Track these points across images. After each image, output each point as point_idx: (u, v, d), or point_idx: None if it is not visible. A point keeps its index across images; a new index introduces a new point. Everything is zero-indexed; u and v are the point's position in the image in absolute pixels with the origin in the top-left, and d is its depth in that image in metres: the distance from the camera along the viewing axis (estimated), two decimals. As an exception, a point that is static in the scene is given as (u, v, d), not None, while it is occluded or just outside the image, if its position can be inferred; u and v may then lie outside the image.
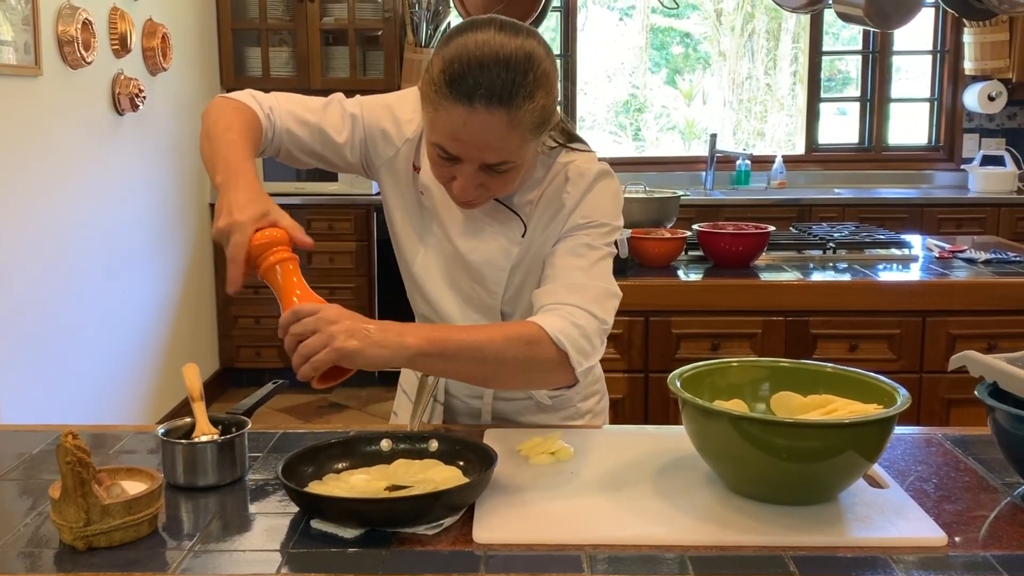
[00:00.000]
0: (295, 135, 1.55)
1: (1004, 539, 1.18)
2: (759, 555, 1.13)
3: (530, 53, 1.32)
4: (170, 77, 4.45)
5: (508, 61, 1.30)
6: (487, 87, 1.29)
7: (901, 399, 1.25)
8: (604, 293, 1.45)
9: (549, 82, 1.35)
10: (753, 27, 7.50)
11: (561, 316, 1.38)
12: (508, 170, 1.38)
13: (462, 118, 1.31)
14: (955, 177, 5.50)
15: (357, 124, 1.55)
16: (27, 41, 3.17)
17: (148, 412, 4.24)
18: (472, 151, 1.34)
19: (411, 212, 1.58)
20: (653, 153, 6.98)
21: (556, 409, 1.69)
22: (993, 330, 2.82)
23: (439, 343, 1.31)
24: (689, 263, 3.11)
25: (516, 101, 1.31)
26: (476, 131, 1.31)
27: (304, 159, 1.59)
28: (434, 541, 1.16)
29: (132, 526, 1.16)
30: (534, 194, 1.52)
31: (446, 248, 1.56)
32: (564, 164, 1.52)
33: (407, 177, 1.57)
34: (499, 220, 1.53)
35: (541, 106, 1.34)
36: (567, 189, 1.50)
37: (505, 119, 1.31)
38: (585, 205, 1.49)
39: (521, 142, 1.35)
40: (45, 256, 3.38)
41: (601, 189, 1.51)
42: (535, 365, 1.37)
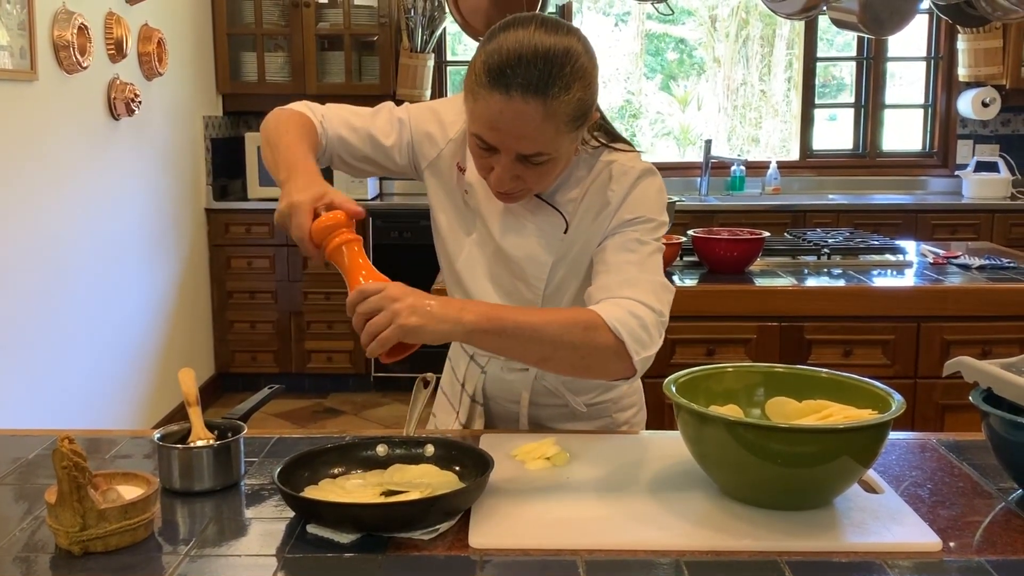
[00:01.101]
0: (346, 140, 1.60)
1: (998, 544, 1.18)
2: (754, 560, 1.13)
3: (568, 48, 1.35)
4: (166, 82, 4.45)
5: (546, 54, 1.33)
6: (524, 77, 1.32)
7: (896, 404, 1.26)
8: (659, 286, 1.46)
9: (587, 78, 1.37)
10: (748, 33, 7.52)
11: (619, 306, 1.40)
12: (544, 162, 1.39)
13: (499, 106, 1.33)
14: (949, 183, 5.52)
15: (404, 128, 1.60)
16: (23, 46, 3.17)
17: (144, 417, 4.23)
18: (508, 140, 1.36)
19: (455, 211, 1.61)
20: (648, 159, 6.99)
21: (592, 418, 1.70)
22: (987, 336, 2.82)
23: (497, 320, 1.34)
24: (684, 268, 3.11)
25: (552, 91, 1.33)
26: (512, 120, 1.34)
27: (356, 164, 1.63)
28: (430, 546, 1.16)
29: (128, 531, 1.16)
30: (577, 192, 1.53)
31: (488, 245, 1.58)
32: (607, 163, 1.53)
33: (451, 177, 1.60)
34: (541, 216, 1.54)
35: (577, 99, 1.36)
36: (612, 187, 1.51)
37: (541, 109, 1.33)
38: (632, 201, 1.50)
39: (556, 134, 1.36)
40: (40, 261, 3.38)
41: (646, 186, 1.52)
42: (592, 351, 1.37)
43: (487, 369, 1.68)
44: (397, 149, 1.60)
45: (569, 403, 1.68)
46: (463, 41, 5.92)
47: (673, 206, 3.36)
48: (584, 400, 1.68)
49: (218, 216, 4.97)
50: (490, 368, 1.68)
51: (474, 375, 1.70)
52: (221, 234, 4.97)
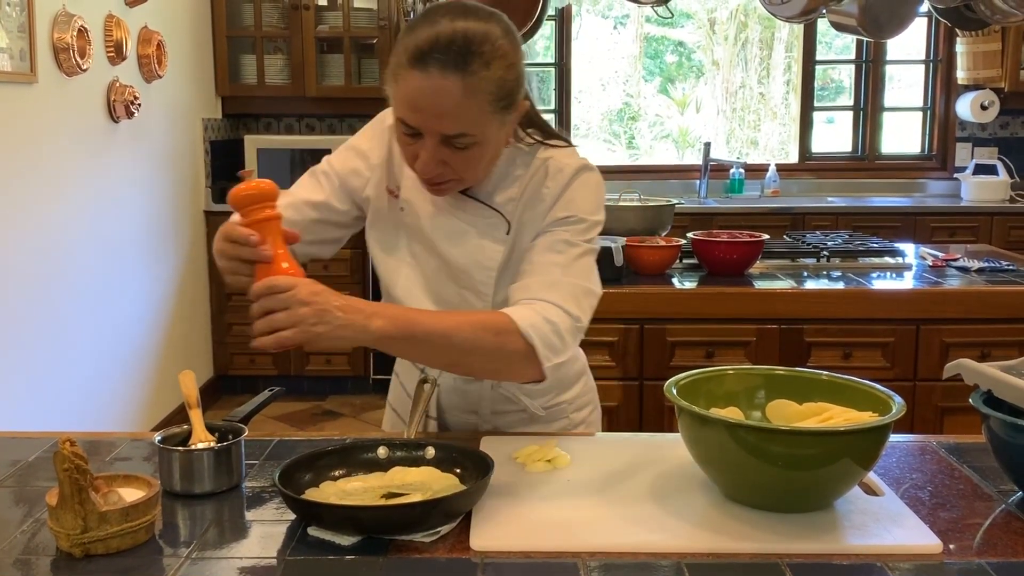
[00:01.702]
0: (292, 221, 1.57)
1: (999, 546, 1.18)
2: (755, 562, 1.13)
3: (487, 30, 1.34)
4: (165, 84, 4.45)
5: (464, 33, 1.33)
6: (442, 53, 1.31)
7: (896, 407, 1.26)
8: (581, 291, 1.44)
9: (508, 59, 1.36)
10: (747, 36, 7.53)
11: (533, 310, 1.38)
12: (469, 146, 1.37)
13: (417, 84, 1.33)
14: (948, 186, 5.53)
15: (329, 177, 1.60)
16: (23, 48, 3.17)
17: (143, 419, 4.23)
18: (430, 120, 1.34)
19: (389, 237, 1.59)
20: (647, 161, 7.00)
21: (549, 420, 1.69)
22: (986, 338, 2.83)
23: (406, 327, 1.32)
24: (683, 271, 3.11)
25: (471, 67, 1.32)
26: (431, 97, 1.32)
27: (315, 239, 1.60)
28: (431, 548, 1.16)
29: (129, 533, 1.16)
30: (515, 191, 1.51)
31: (429, 263, 1.55)
32: (544, 160, 1.52)
33: (384, 203, 1.58)
34: (482, 219, 1.52)
35: (499, 78, 1.34)
36: (547, 184, 1.49)
37: (460, 84, 1.32)
38: (564, 200, 1.49)
39: (479, 113, 1.35)
40: (40, 263, 3.38)
41: (581, 184, 1.50)
42: (503, 356, 1.37)
43: (440, 382, 1.63)
44: (334, 198, 1.58)
45: (527, 408, 1.65)
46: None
47: (672, 208, 3.37)
48: (541, 403, 1.66)
49: (217, 218, 4.96)
50: (443, 381, 1.63)
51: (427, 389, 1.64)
52: (220, 236, 4.95)
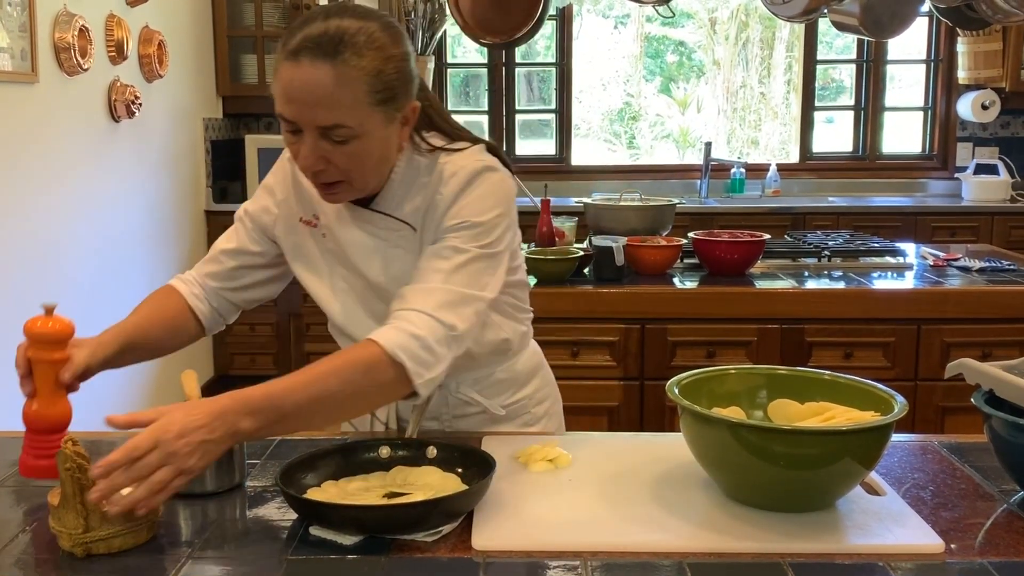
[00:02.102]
0: (211, 274, 1.62)
1: (1001, 546, 1.18)
2: (757, 562, 1.13)
3: (363, 26, 1.34)
4: (166, 84, 4.45)
5: (339, 27, 1.33)
6: (314, 42, 1.31)
7: (898, 406, 1.26)
8: (458, 298, 1.37)
9: (385, 51, 1.34)
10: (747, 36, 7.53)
11: (399, 328, 1.33)
12: (348, 139, 1.35)
13: (289, 75, 1.33)
14: (949, 186, 5.53)
15: (243, 221, 1.62)
16: (23, 48, 3.17)
17: (143, 419, 4.23)
18: (303, 110, 1.33)
19: (318, 266, 1.57)
20: (648, 161, 7.00)
21: (511, 418, 1.68)
22: (988, 338, 2.83)
23: (275, 411, 1.24)
24: (684, 271, 3.11)
25: (342, 56, 1.31)
26: (302, 86, 1.32)
27: (243, 284, 1.63)
28: (433, 548, 1.16)
29: (131, 533, 1.16)
30: (420, 199, 1.48)
31: (358, 283, 1.54)
32: (443, 164, 1.48)
33: (303, 235, 1.57)
34: (394, 233, 1.50)
35: (375, 69, 1.33)
36: (440, 191, 1.46)
37: (331, 73, 1.31)
38: (457, 207, 1.43)
39: (354, 104, 1.33)
40: (41, 262, 3.38)
41: (473, 189, 1.44)
42: (376, 390, 1.32)
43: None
44: (249, 241, 1.60)
45: (487, 409, 1.64)
46: (463, 44, 5.93)
47: (672, 209, 3.37)
48: (500, 402, 1.65)
49: (218, 218, 4.96)
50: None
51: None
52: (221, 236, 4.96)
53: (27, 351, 1.34)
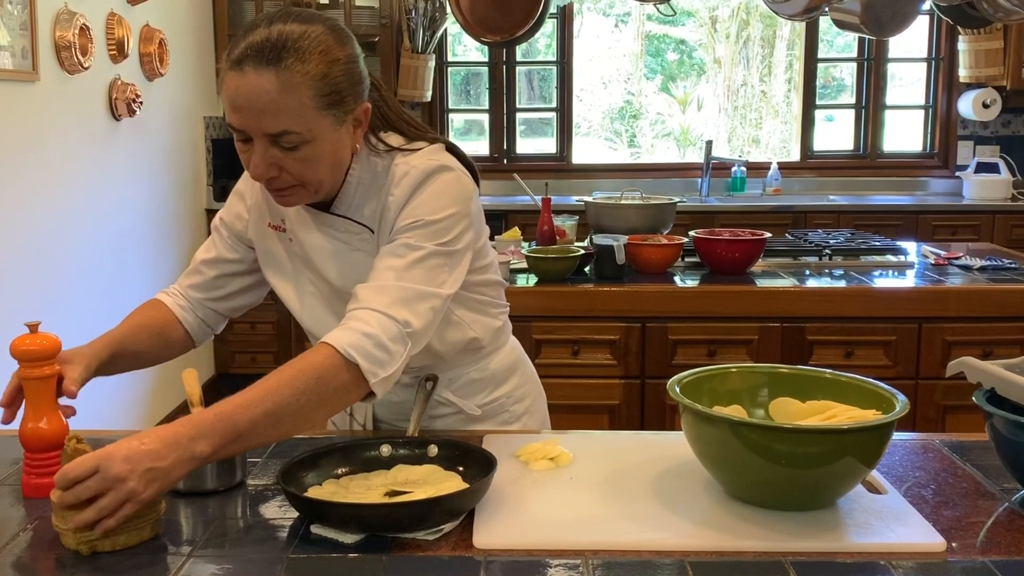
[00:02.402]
0: (194, 285, 1.64)
1: (1002, 545, 1.18)
2: (758, 560, 1.13)
3: (306, 30, 1.33)
4: (167, 83, 4.45)
5: (280, 32, 1.32)
6: (256, 50, 1.31)
7: (900, 405, 1.26)
8: (414, 294, 1.36)
9: (330, 55, 1.34)
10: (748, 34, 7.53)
11: (351, 328, 1.31)
12: (298, 145, 1.34)
13: (234, 83, 1.32)
14: (950, 184, 5.52)
15: (219, 230, 1.63)
16: (24, 46, 3.17)
17: (144, 417, 4.23)
18: (250, 119, 1.33)
19: (286, 270, 1.58)
20: (648, 160, 7.00)
21: (488, 417, 1.67)
22: (989, 336, 2.83)
23: (231, 432, 1.21)
24: (685, 269, 3.11)
25: (284, 62, 1.30)
26: (247, 94, 1.31)
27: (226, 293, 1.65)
28: (434, 547, 1.16)
29: (135, 530, 1.16)
30: (377, 202, 1.47)
31: (323, 286, 1.55)
32: (405, 164, 1.47)
33: (272, 240, 1.58)
34: (354, 236, 1.49)
35: (320, 73, 1.32)
36: (392, 191, 1.45)
37: (274, 79, 1.30)
38: (409, 206, 1.43)
39: (301, 109, 1.32)
40: (41, 261, 3.38)
41: (425, 188, 1.43)
42: (331, 395, 1.29)
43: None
44: (226, 250, 1.62)
45: (462, 409, 1.64)
46: (464, 42, 5.93)
47: (673, 207, 3.37)
48: (476, 402, 1.65)
49: (219, 217, 4.96)
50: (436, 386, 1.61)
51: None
52: (222, 235, 4.95)
53: (16, 373, 1.34)
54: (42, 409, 1.34)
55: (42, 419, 1.33)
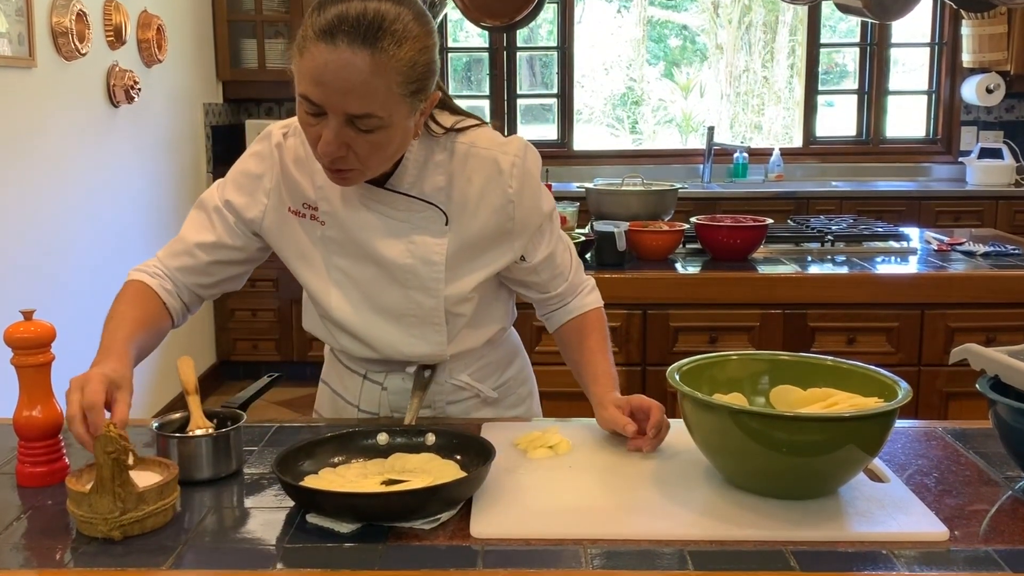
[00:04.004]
0: (184, 268, 1.54)
1: (1005, 533, 1.17)
2: (759, 550, 1.12)
3: (399, 12, 1.30)
4: (165, 69, 4.43)
5: (376, 11, 1.28)
6: (352, 26, 1.26)
7: (902, 392, 1.24)
8: (571, 249, 1.66)
9: (421, 42, 1.31)
10: (750, 20, 7.49)
11: (585, 298, 1.65)
12: (375, 129, 1.31)
13: (324, 57, 1.27)
14: (953, 170, 5.50)
15: (221, 213, 1.53)
16: (21, 32, 3.15)
17: (145, 405, 4.22)
18: (335, 96, 1.29)
19: (309, 259, 1.53)
20: (650, 146, 6.97)
21: (501, 399, 1.68)
22: (992, 323, 2.81)
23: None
24: (687, 256, 3.10)
25: (381, 44, 1.27)
26: (337, 71, 1.27)
27: (216, 280, 1.57)
28: (431, 536, 1.15)
29: (161, 512, 1.17)
30: (441, 179, 1.47)
31: (363, 273, 1.50)
32: (469, 144, 1.47)
33: (291, 226, 1.52)
34: (417, 214, 1.48)
35: (411, 59, 1.30)
36: (510, 183, 1.46)
37: (369, 60, 1.27)
38: (528, 198, 1.49)
39: (387, 94, 1.29)
40: (38, 248, 3.37)
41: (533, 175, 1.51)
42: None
43: (387, 384, 1.60)
44: (228, 236, 1.53)
45: (480, 392, 1.64)
46: (465, 28, 5.90)
47: (675, 193, 3.35)
48: (490, 384, 1.66)
49: (219, 204, 4.95)
50: (390, 383, 1.60)
51: (373, 394, 1.61)
52: (222, 222, 4.94)
53: (11, 359, 1.32)
54: (36, 397, 1.32)
55: (36, 407, 1.32)
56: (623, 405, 1.44)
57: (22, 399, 1.33)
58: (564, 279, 1.62)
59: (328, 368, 1.74)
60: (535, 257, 1.55)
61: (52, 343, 1.34)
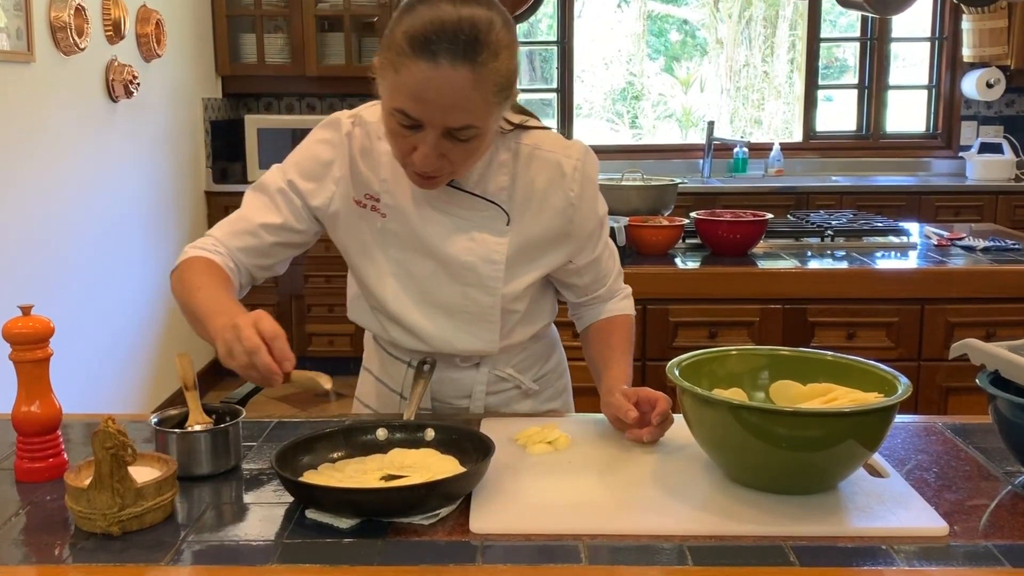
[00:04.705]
0: (247, 248, 1.52)
1: (1005, 528, 1.17)
2: (759, 545, 1.12)
3: (491, 18, 1.30)
4: (164, 64, 4.42)
5: (471, 20, 1.28)
6: (451, 43, 1.26)
7: (902, 387, 1.24)
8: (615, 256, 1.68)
9: (511, 48, 1.33)
10: (751, 14, 7.48)
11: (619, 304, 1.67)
12: (471, 138, 1.33)
13: (425, 75, 1.26)
14: (953, 165, 5.49)
15: (287, 195, 1.52)
16: (19, 27, 3.15)
17: (144, 401, 4.22)
18: (435, 113, 1.29)
19: (368, 249, 1.53)
20: (650, 141, 6.96)
21: (540, 391, 1.69)
22: (991, 318, 2.81)
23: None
24: (687, 251, 3.09)
25: (481, 58, 1.27)
26: (440, 88, 1.27)
27: (273, 260, 1.56)
28: (430, 531, 1.15)
29: (160, 508, 1.17)
30: (504, 179, 1.48)
31: (422, 267, 1.51)
32: (533, 146, 1.49)
33: (354, 216, 1.52)
34: (479, 213, 1.49)
35: (506, 68, 1.31)
36: (571, 187, 1.49)
37: (470, 77, 1.27)
38: (586, 203, 1.52)
39: (485, 105, 1.31)
40: (39, 244, 3.36)
41: (593, 180, 1.54)
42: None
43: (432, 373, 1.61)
44: (294, 218, 1.52)
45: (521, 384, 1.66)
46: (464, 22, 5.88)
47: (675, 188, 3.34)
48: (531, 376, 1.67)
49: (218, 199, 4.95)
50: (436, 370, 1.60)
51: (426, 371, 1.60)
52: (221, 217, 4.85)
53: (9, 354, 1.32)
54: (35, 393, 1.32)
55: (34, 403, 1.32)
56: (630, 395, 1.44)
57: (20, 395, 1.32)
58: (603, 284, 1.64)
59: (370, 355, 1.75)
60: (582, 260, 1.58)
61: (50, 339, 1.34)
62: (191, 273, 1.45)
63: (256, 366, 1.23)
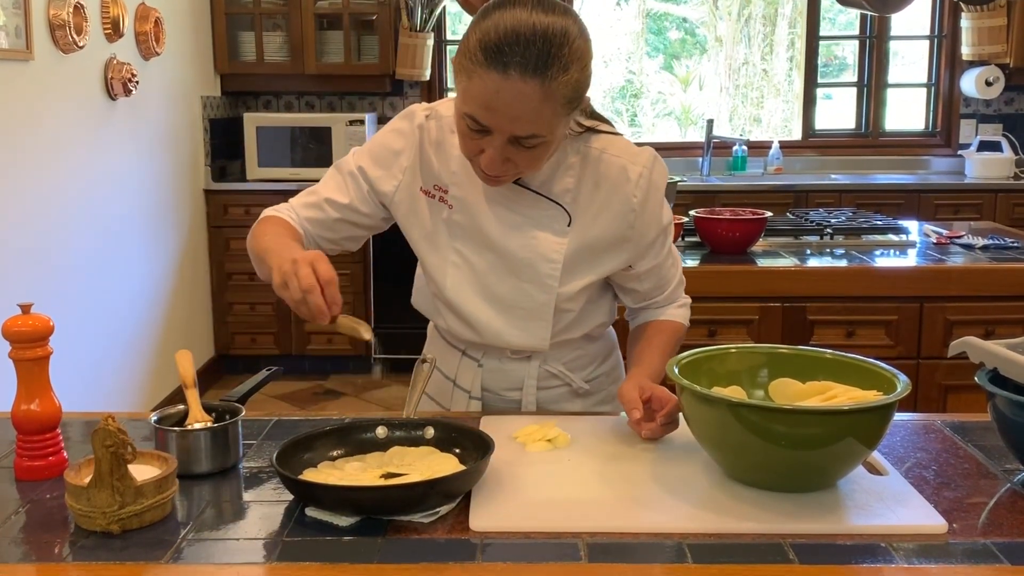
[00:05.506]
0: (314, 219, 1.60)
1: (1004, 526, 1.17)
2: (758, 542, 1.12)
3: (565, 29, 1.32)
4: (163, 62, 4.42)
5: (545, 33, 1.30)
6: (522, 55, 1.28)
7: (901, 385, 1.24)
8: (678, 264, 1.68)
9: (584, 59, 1.35)
10: (750, 12, 7.47)
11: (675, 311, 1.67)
12: (537, 145, 1.36)
13: (495, 86, 1.30)
14: (952, 163, 5.49)
15: (356, 179, 1.59)
16: (18, 25, 3.14)
17: (143, 399, 4.22)
18: (503, 122, 1.33)
19: (430, 237, 1.58)
20: (649, 139, 6.96)
21: (592, 393, 1.71)
22: (991, 316, 2.81)
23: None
24: (686, 249, 3.09)
25: (551, 72, 1.30)
26: (509, 100, 1.30)
27: (337, 236, 1.62)
28: (430, 529, 1.15)
29: (159, 507, 1.17)
30: (571, 180, 1.51)
31: (482, 259, 1.55)
32: (601, 150, 1.52)
33: (420, 204, 1.57)
34: (542, 212, 1.52)
35: (576, 80, 1.33)
36: (634, 192, 1.50)
37: (539, 90, 1.30)
38: (649, 210, 1.53)
39: (553, 116, 1.34)
40: (35, 242, 3.36)
41: (660, 189, 1.54)
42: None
43: (483, 362, 1.66)
44: (359, 201, 1.59)
45: (572, 383, 1.67)
46: (463, 20, 5.88)
47: (675, 186, 3.34)
48: (583, 376, 1.68)
49: (217, 197, 4.95)
50: (486, 361, 1.65)
51: (469, 370, 1.67)
52: (220, 215, 4.95)
53: (9, 352, 1.32)
54: (34, 391, 1.32)
55: (34, 401, 1.32)
56: (645, 390, 1.43)
57: (20, 393, 1.32)
58: (663, 292, 1.65)
59: (430, 342, 1.78)
60: (642, 266, 1.59)
61: (50, 337, 1.34)
62: (263, 226, 1.56)
63: (308, 303, 1.30)
